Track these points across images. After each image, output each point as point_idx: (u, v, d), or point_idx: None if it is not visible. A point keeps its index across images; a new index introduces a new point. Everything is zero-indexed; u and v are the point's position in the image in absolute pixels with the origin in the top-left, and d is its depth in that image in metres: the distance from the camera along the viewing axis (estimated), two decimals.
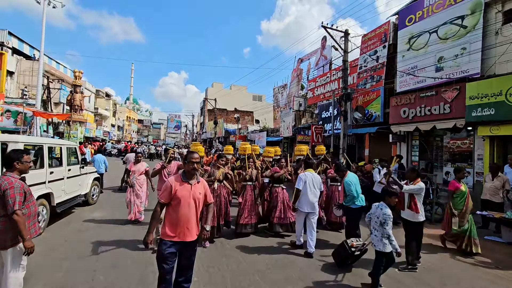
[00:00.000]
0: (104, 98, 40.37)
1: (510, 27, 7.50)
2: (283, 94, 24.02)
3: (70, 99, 17.83)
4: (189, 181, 2.62)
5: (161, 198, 2.59)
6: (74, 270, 3.60)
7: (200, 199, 2.66)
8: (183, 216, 2.54)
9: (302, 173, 4.68)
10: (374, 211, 3.48)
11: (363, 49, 12.66)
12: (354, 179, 4.65)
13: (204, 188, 2.76)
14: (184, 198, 2.55)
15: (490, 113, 7.42)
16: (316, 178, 4.63)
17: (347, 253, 3.89)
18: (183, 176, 2.64)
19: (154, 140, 61.21)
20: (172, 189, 2.55)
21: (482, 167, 7.97)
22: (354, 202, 4.52)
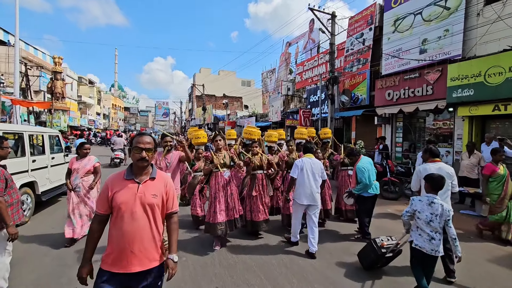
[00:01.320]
0: (88, 86, 39.04)
1: (491, 8, 7.61)
2: (271, 78, 23.85)
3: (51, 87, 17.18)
4: (136, 179, 1.73)
5: (96, 209, 1.77)
6: (62, 256, 3.63)
7: (155, 204, 1.72)
8: (126, 234, 1.65)
9: (299, 159, 4.09)
10: (427, 208, 2.69)
11: (350, 31, 12.62)
12: (368, 164, 4.24)
13: (166, 187, 1.81)
14: (126, 205, 1.66)
15: (470, 94, 7.65)
16: (315, 165, 3.99)
17: (376, 255, 3.25)
18: (127, 172, 1.76)
19: (141, 128, 60.20)
20: (108, 192, 1.70)
21: (461, 146, 8.29)
22: (367, 190, 4.17)
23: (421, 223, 2.72)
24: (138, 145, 1.71)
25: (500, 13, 7.36)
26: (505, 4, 7.30)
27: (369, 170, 4.18)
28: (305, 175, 3.91)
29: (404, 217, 2.86)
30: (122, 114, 58.21)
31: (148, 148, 1.73)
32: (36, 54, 25.09)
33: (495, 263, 3.79)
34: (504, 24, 7.17)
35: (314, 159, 4.06)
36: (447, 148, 9.01)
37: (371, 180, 4.19)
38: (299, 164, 3.97)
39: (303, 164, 3.95)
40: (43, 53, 27.01)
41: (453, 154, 8.64)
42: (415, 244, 2.74)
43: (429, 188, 2.76)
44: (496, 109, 7.23)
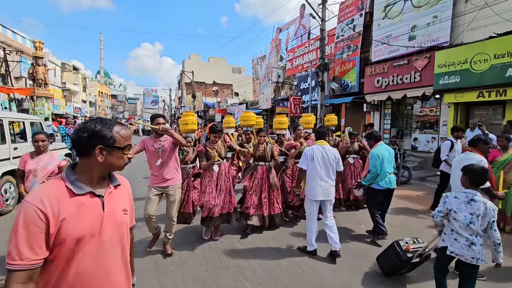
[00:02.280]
0: (72, 72, 37.68)
1: None
2: (262, 65, 23.56)
3: (32, 73, 16.47)
4: (95, 190, 1.12)
5: (17, 258, 0.96)
6: None
7: (127, 224, 1.24)
8: (91, 282, 1.09)
9: (309, 147, 3.52)
10: (465, 207, 2.23)
11: (341, 17, 12.49)
12: (385, 151, 3.78)
13: (129, 194, 1.33)
14: (91, 236, 1.07)
15: (456, 80, 7.78)
16: (329, 153, 3.39)
17: (400, 260, 2.78)
18: (73, 182, 1.08)
19: (130, 116, 58.99)
20: (46, 222, 0.99)
21: (446, 132, 8.50)
22: (377, 181, 3.72)
23: (458, 225, 2.25)
24: (128, 141, 1.17)
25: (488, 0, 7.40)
26: None
27: (384, 159, 3.71)
28: (316, 166, 3.35)
29: (436, 217, 2.38)
30: (110, 102, 56.77)
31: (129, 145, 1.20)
32: (15, 38, 23.92)
33: None
34: (491, 10, 7.23)
35: (327, 147, 3.47)
36: (433, 135, 9.23)
37: (385, 171, 3.68)
38: (308, 153, 3.40)
39: (313, 153, 3.38)
40: (23, 38, 25.74)
41: (439, 140, 8.86)
42: (451, 251, 2.27)
43: (467, 182, 2.29)
44: (480, 96, 7.40)
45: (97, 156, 1.09)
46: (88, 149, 1.09)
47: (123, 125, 1.19)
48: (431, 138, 9.25)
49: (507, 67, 6.67)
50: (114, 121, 1.18)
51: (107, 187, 1.18)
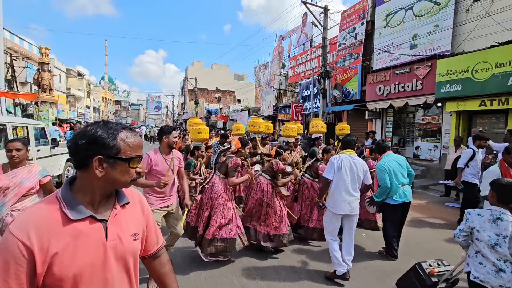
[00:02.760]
0: (77, 78, 38.18)
1: (480, 4, 7.70)
2: (264, 72, 23.75)
3: (38, 78, 16.71)
4: (96, 214, 0.91)
5: None
6: None
7: (138, 251, 1.04)
8: None
9: (336, 156, 3.23)
10: (490, 227, 1.98)
11: (342, 26, 12.61)
12: (393, 162, 3.49)
13: (144, 212, 1.09)
14: (91, 272, 0.88)
15: (458, 89, 7.78)
16: (358, 165, 3.11)
17: (424, 285, 2.50)
18: (68, 205, 0.88)
19: (133, 122, 59.35)
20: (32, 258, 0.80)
21: (449, 141, 8.45)
22: (391, 196, 3.43)
23: (482, 246, 1.99)
24: (137, 152, 0.94)
25: (488, 9, 7.45)
26: (494, 0, 7.39)
27: (393, 171, 3.41)
28: (343, 177, 3.05)
29: (458, 237, 2.14)
30: (113, 108, 57.23)
31: None
32: (22, 45, 24.35)
33: None
34: (492, 20, 7.27)
35: (355, 157, 3.16)
36: (435, 143, 9.18)
37: (396, 184, 3.39)
38: (336, 162, 3.09)
39: (341, 163, 3.08)
40: (30, 44, 26.20)
41: (441, 148, 8.81)
42: (475, 276, 2.00)
43: (495, 199, 2.05)
44: (482, 105, 7.38)
45: (95, 169, 0.88)
46: (87, 160, 0.88)
47: (132, 131, 0.96)
48: (433, 147, 9.20)
49: (509, 76, 6.67)
50: (122, 126, 0.95)
51: (113, 208, 0.96)
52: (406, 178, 3.57)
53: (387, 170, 3.40)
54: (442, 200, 6.75)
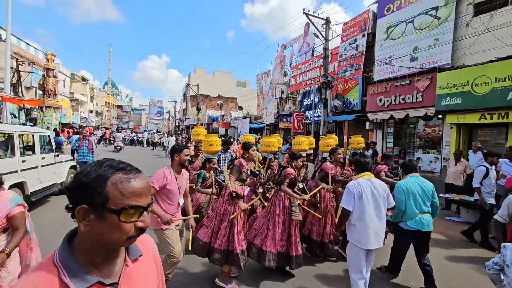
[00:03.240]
0: (81, 83, 38.57)
1: (479, 20, 7.84)
2: (266, 80, 23.96)
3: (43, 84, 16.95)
4: (103, 278, 0.74)
5: None
6: None
7: None
8: None
9: (353, 182, 2.79)
10: None
11: (344, 37, 12.80)
12: (414, 185, 3.18)
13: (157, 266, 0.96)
14: None
15: (458, 102, 7.85)
16: (379, 188, 2.76)
17: None
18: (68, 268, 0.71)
19: (135, 127, 59.65)
20: None
21: (449, 153, 8.49)
22: (405, 220, 3.19)
23: (507, 282, 1.89)
24: (136, 200, 0.73)
25: (487, 24, 7.59)
26: (493, 16, 7.53)
27: (413, 194, 3.12)
28: (366, 206, 2.68)
29: (489, 270, 2.01)
30: (115, 112, 57.62)
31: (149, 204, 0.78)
32: (28, 50, 24.72)
33: (480, 271, 3.62)
34: (492, 35, 7.39)
35: (374, 180, 2.82)
36: (436, 155, 9.23)
37: (413, 209, 3.11)
38: (354, 190, 2.70)
39: (361, 190, 2.70)
40: (35, 49, 26.61)
41: (441, 160, 8.85)
42: None
43: None
44: (482, 118, 7.44)
45: (79, 221, 0.72)
46: None
47: (132, 173, 0.76)
48: (434, 158, 9.24)
49: (508, 90, 6.75)
50: (120, 166, 0.76)
51: (123, 266, 0.80)
52: (428, 206, 3.20)
53: (404, 191, 3.14)
54: (442, 213, 6.76)
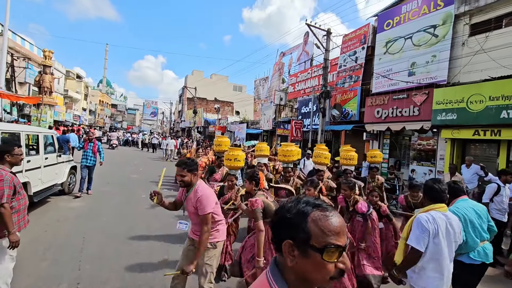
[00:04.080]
0: (75, 80, 38.08)
1: (475, 40, 8.20)
2: (264, 86, 24.19)
3: (39, 80, 16.69)
4: None
5: None
6: (58, 260, 3.63)
7: None
8: None
9: (426, 215, 2.26)
10: None
11: (343, 48, 13.10)
12: (469, 211, 2.68)
13: None
14: None
15: (453, 118, 8.15)
16: (455, 225, 2.28)
17: None
18: None
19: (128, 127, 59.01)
20: None
21: (443, 166, 8.77)
22: (465, 252, 2.63)
23: None
24: (338, 240, 0.73)
25: (483, 45, 7.94)
26: (488, 37, 7.89)
27: (470, 221, 2.63)
28: (441, 246, 2.21)
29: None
30: (109, 111, 56.96)
31: None
32: (23, 45, 24.35)
33: None
34: (487, 56, 7.73)
35: (449, 214, 2.31)
36: (430, 167, 9.50)
37: (473, 237, 2.61)
38: (430, 227, 2.19)
39: (437, 227, 2.20)
40: (31, 44, 26.22)
41: (435, 173, 9.11)
42: None
43: None
44: (476, 134, 7.74)
45: (286, 255, 0.76)
46: (279, 243, 0.78)
47: (330, 209, 0.78)
48: (428, 171, 9.51)
49: (501, 109, 7.06)
50: (319, 202, 0.79)
51: None
52: (487, 232, 2.74)
53: (462, 220, 2.53)
54: None
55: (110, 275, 3.37)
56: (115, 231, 4.75)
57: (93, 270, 3.45)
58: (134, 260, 3.77)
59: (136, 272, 3.48)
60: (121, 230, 4.80)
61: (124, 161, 15.32)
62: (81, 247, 4.05)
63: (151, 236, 4.71)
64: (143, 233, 4.79)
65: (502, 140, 7.42)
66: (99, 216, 5.52)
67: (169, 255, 4.05)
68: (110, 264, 3.64)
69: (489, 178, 5.53)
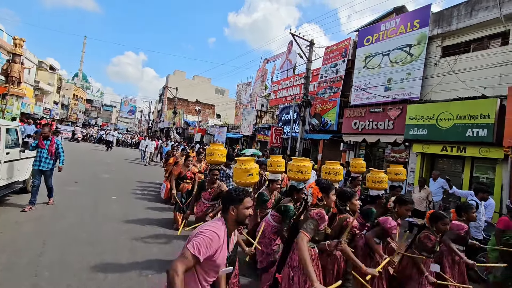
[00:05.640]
0: (48, 72, 36.02)
1: (446, 61, 8.75)
2: (246, 91, 24.25)
3: (7, 69, 15.58)
4: None
5: None
6: (13, 266, 3.33)
7: None
8: None
9: None
10: None
11: (325, 60, 13.48)
12: None
13: None
14: None
15: (424, 133, 8.60)
16: None
17: None
18: None
19: (103, 124, 56.62)
20: None
21: (413, 179, 9.19)
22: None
23: None
24: None
25: (453, 66, 8.49)
26: (457, 60, 8.45)
27: None
28: None
29: None
30: (84, 106, 54.30)
31: None
32: None
33: None
34: (456, 77, 8.27)
35: None
36: None
37: None
38: None
39: None
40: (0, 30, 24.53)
41: (406, 185, 9.52)
42: None
43: None
44: (444, 150, 8.21)
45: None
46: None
47: None
48: None
49: (467, 127, 7.55)
50: None
51: None
52: None
53: None
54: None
55: (71, 281, 3.14)
56: (79, 234, 4.46)
57: (52, 276, 3.20)
58: (98, 264, 3.56)
59: (100, 277, 3.27)
60: (85, 233, 4.52)
61: (95, 159, 14.61)
62: (40, 251, 3.75)
63: (118, 238, 4.49)
64: (110, 236, 4.54)
65: (467, 156, 7.93)
66: (64, 217, 5.17)
67: (136, 257, 3.87)
68: (71, 269, 3.40)
69: (453, 191, 5.85)
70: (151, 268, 3.69)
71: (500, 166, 7.27)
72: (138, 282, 3.33)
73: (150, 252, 4.22)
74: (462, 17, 8.44)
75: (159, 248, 4.41)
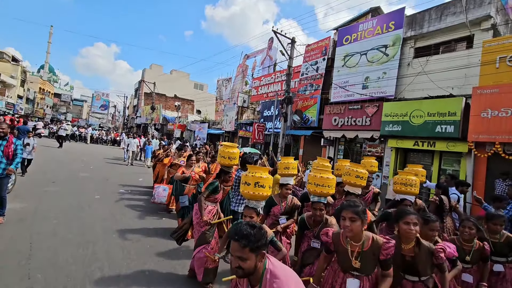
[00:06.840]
0: (10, 63, 33.47)
1: (418, 62, 9.35)
2: (227, 87, 24.14)
3: None
4: None
5: None
6: (3, 270, 3.23)
7: None
8: None
9: None
10: None
11: (306, 58, 13.80)
12: None
13: None
14: None
15: (398, 129, 9.17)
16: None
17: None
18: None
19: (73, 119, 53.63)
20: None
21: (388, 172, 9.79)
22: None
23: None
24: None
25: (424, 67, 9.09)
26: (428, 61, 9.06)
27: None
28: None
29: None
30: (51, 101, 51.05)
31: None
32: None
33: None
34: (427, 77, 8.88)
35: None
36: (377, 173, 10.52)
37: None
38: None
39: None
40: None
41: (381, 178, 10.13)
42: None
43: None
44: (416, 144, 8.83)
45: None
46: None
47: None
48: (375, 176, 10.51)
49: (437, 124, 8.18)
50: None
51: None
52: None
53: None
54: None
55: (66, 283, 3.13)
56: (66, 235, 4.37)
57: (46, 278, 3.16)
58: (92, 265, 3.55)
59: (96, 277, 3.28)
60: (73, 234, 4.44)
61: (71, 158, 13.97)
62: (28, 254, 3.66)
63: (109, 238, 4.46)
64: (99, 236, 4.50)
65: (436, 150, 8.60)
66: (47, 219, 5.02)
67: (130, 256, 3.89)
68: (64, 270, 3.37)
69: (426, 184, 6.36)
70: (147, 265, 3.74)
71: (465, 159, 7.99)
72: (137, 279, 3.38)
73: (144, 249, 4.25)
74: (432, 21, 9.05)
75: (152, 244, 4.45)
